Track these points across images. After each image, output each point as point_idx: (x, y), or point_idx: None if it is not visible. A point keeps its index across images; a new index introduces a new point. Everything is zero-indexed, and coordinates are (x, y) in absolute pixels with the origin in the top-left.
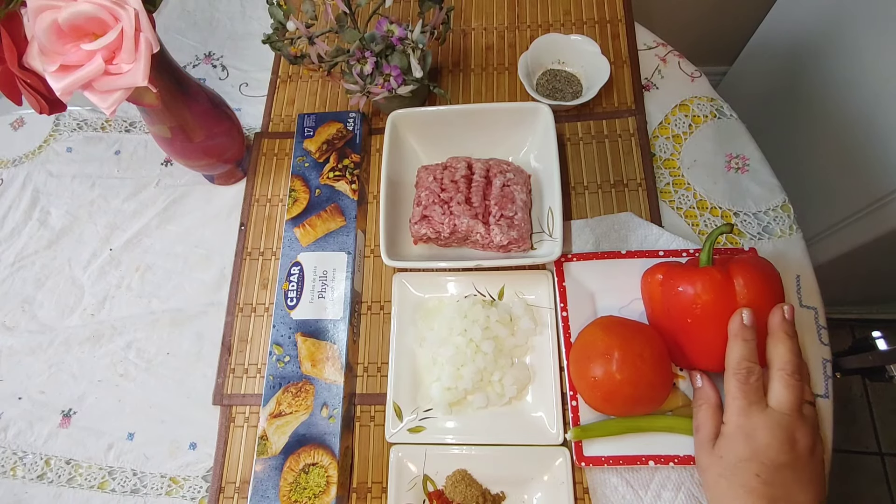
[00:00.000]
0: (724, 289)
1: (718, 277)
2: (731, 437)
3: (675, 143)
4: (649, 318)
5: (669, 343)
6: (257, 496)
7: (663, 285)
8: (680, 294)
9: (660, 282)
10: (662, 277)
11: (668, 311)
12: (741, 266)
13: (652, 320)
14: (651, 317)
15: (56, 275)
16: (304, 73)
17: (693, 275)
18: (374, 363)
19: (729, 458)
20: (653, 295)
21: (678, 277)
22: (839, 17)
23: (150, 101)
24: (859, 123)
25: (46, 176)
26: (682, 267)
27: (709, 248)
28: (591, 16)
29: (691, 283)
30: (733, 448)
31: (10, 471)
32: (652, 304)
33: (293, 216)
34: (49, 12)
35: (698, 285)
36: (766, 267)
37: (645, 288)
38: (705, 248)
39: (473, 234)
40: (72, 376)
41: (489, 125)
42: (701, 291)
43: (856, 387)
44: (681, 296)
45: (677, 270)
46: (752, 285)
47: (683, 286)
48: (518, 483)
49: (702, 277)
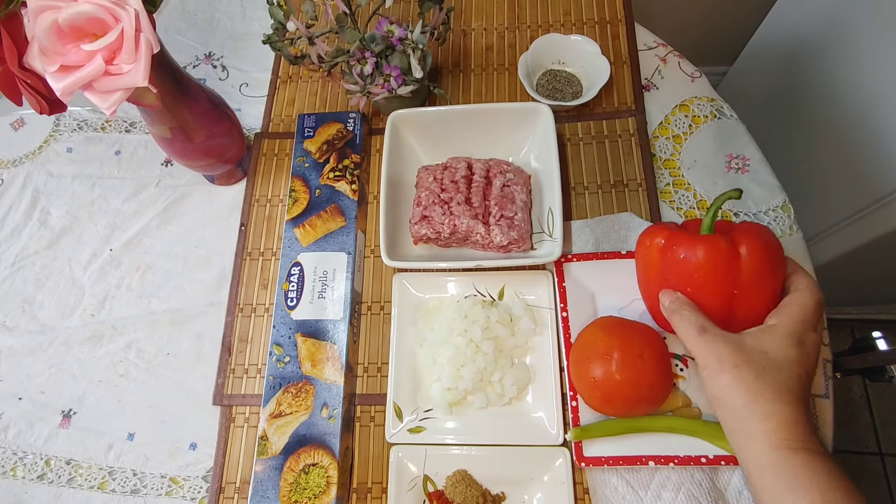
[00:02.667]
0: (729, 258)
1: (724, 246)
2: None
3: (676, 144)
4: (641, 284)
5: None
6: (257, 496)
7: (664, 251)
8: (682, 261)
9: (660, 247)
10: (664, 242)
11: (665, 277)
12: (745, 234)
13: (644, 287)
14: (643, 282)
15: (56, 275)
16: (304, 73)
17: (698, 242)
18: (375, 363)
19: (774, 354)
20: (650, 259)
21: (682, 244)
22: (839, 17)
23: (151, 101)
24: (859, 123)
25: (47, 176)
26: (687, 233)
27: (712, 214)
28: (591, 16)
29: (695, 250)
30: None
31: (10, 471)
32: (647, 270)
33: (293, 216)
34: (49, 13)
35: (702, 253)
36: (769, 235)
37: (642, 251)
38: (709, 213)
39: (473, 235)
40: (72, 376)
41: (489, 125)
42: (705, 260)
43: (856, 387)
44: (683, 262)
45: (681, 236)
46: (757, 254)
47: (687, 252)
48: (518, 483)
49: (706, 245)
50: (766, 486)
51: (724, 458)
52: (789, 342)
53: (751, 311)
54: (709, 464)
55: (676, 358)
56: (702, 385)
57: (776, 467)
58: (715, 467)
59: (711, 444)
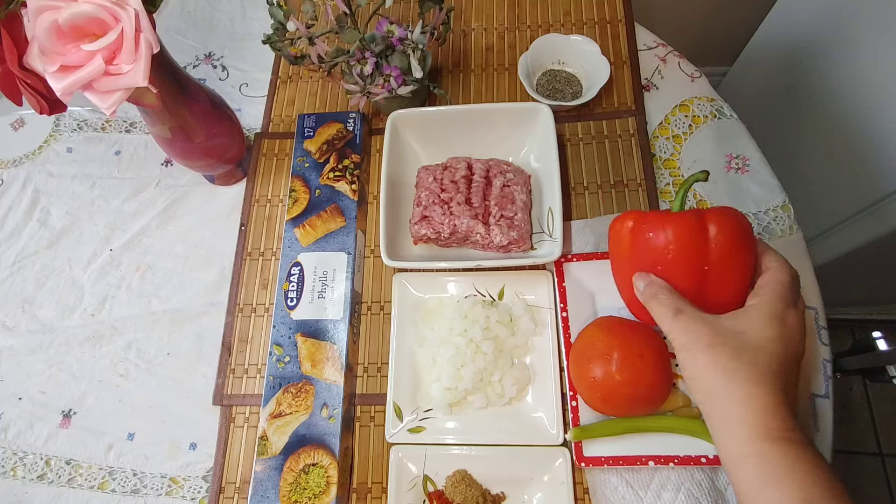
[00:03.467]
0: (698, 234)
1: (693, 222)
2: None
3: (676, 144)
4: (615, 273)
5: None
6: (257, 496)
7: (633, 232)
8: (650, 240)
9: (630, 229)
10: (633, 224)
11: (635, 260)
12: (715, 213)
13: (618, 275)
14: (616, 271)
15: (56, 275)
16: (304, 73)
17: (666, 220)
18: (375, 363)
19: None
20: (620, 243)
21: (650, 223)
22: (839, 17)
23: (151, 101)
24: (859, 123)
25: (47, 176)
26: (654, 213)
27: (682, 194)
28: (591, 16)
29: (663, 228)
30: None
31: (10, 471)
32: (619, 255)
33: (293, 216)
34: (49, 13)
35: (670, 231)
36: (739, 216)
37: (613, 238)
38: (679, 194)
39: (473, 235)
40: (72, 376)
41: (489, 125)
42: (673, 237)
43: (856, 387)
44: (651, 241)
45: (649, 216)
46: (726, 230)
47: (654, 232)
48: (518, 483)
49: (674, 222)
50: (742, 479)
51: None
52: (769, 321)
53: (723, 288)
54: (709, 464)
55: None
56: None
57: (754, 458)
58: (715, 467)
59: (711, 444)
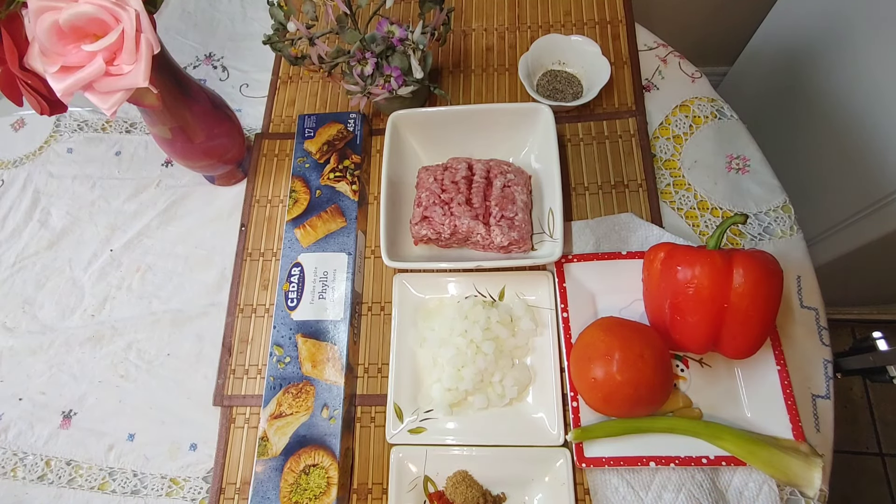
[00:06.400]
0: (722, 274)
1: (718, 262)
2: None
3: (676, 144)
4: (644, 296)
5: (657, 323)
6: (258, 497)
7: (664, 263)
8: (677, 273)
9: (661, 259)
10: (664, 255)
11: (662, 290)
12: (744, 257)
13: (647, 297)
14: (647, 295)
15: (57, 275)
16: (304, 74)
17: (694, 256)
18: (375, 364)
19: None
20: (651, 272)
21: (679, 256)
22: (839, 17)
23: (151, 101)
24: (860, 124)
25: (47, 177)
26: (687, 248)
27: (719, 234)
28: (592, 16)
29: (690, 264)
30: None
31: (10, 472)
32: (649, 283)
33: (294, 217)
34: (50, 13)
35: (697, 267)
36: (771, 263)
37: (647, 264)
38: (716, 233)
39: (474, 235)
40: (72, 377)
41: (490, 126)
42: (698, 273)
43: (856, 387)
44: (677, 274)
45: (681, 250)
46: (751, 277)
47: (682, 266)
48: (519, 484)
49: (702, 259)
50: None
51: (724, 459)
52: None
53: (738, 332)
54: (710, 464)
55: (677, 359)
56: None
57: None
58: (716, 468)
59: (712, 444)
